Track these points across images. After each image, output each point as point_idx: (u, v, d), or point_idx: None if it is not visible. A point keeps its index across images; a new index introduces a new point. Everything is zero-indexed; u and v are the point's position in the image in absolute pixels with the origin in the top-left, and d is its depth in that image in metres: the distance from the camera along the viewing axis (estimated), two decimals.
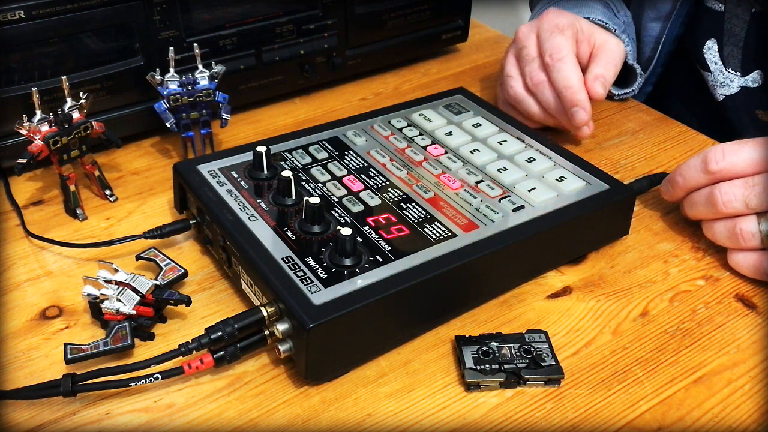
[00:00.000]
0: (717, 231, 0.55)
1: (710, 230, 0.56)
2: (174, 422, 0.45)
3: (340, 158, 0.60)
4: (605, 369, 0.49)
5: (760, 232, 0.52)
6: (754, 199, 0.52)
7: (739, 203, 0.53)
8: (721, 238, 0.55)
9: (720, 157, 0.54)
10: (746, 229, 0.53)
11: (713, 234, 0.56)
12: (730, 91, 0.74)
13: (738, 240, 0.54)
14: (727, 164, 0.53)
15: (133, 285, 0.50)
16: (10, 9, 0.58)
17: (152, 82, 0.63)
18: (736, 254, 0.55)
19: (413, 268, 0.48)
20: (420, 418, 0.45)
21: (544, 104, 0.68)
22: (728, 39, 0.72)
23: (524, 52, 0.70)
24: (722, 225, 0.55)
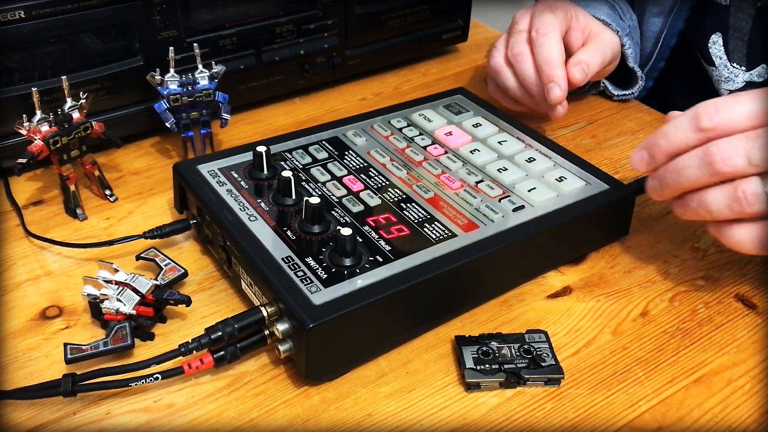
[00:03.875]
0: (713, 200, 0.47)
1: (701, 202, 0.48)
2: (174, 422, 0.45)
3: (340, 158, 0.60)
4: (605, 369, 0.49)
5: (765, 194, 0.45)
6: (757, 154, 0.44)
7: (741, 159, 0.45)
8: (718, 207, 0.47)
9: (714, 113, 0.47)
10: (750, 191, 0.45)
11: (707, 205, 0.47)
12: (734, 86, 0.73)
13: (741, 205, 0.45)
14: (723, 119, 0.46)
15: (133, 285, 0.50)
16: (10, 9, 0.58)
17: (152, 82, 0.63)
18: (735, 228, 0.47)
19: (413, 268, 0.48)
20: (420, 418, 0.45)
21: (521, 77, 0.68)
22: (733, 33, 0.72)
23: (514, 27, 0.70)
24: (719, 191, 0.47)
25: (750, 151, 0.45)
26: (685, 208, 0.50)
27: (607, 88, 0.77)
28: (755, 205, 0.45)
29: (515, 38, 0.69)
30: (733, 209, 0.46)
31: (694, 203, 0.48)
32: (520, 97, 0.70)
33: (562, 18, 0.68)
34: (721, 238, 0.49)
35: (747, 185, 0.45)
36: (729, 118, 0.46)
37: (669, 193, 0.50)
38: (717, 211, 0.47)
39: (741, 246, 0.48)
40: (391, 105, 0.68)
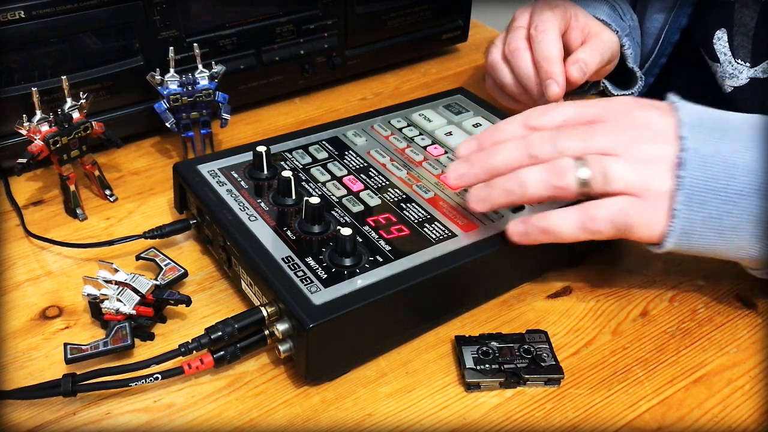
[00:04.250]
0: (528, 174, 0.48)
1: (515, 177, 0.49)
2: (174, 422, 0.45)
3: (340, 158, 0.60)
4: (605, 369, 0.49)
5: (577, 179, 0.47)
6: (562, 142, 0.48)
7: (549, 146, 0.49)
8: (533, 179, 0.48)
9: (542, 113, 0.52)
10: (562, 164, 0.47)
11: (522, 178, 0.48)
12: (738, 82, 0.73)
13: (553, 174, 0.47)
14: (546, 120, 0.51)
15: (133, 285, 0.50)
16: (10, 9, 0.58)
17: (152, 82, 0.63)
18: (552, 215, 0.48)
19: (413, 268, 0.48)
20: (420, 418, 0.45)
21: (518, 73, 0.68)
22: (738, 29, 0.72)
23: (513, 24, 0.70)
24: (535, 167, 0.48)
25: (556, 140, 0.48)
26: (494, 191, 0.50)
27: (606, 88, 0.77)
28: (566, 177, 0.47)
29: (513, 34, 0.69)
30: (546, 181, 0.48)
31: (507, 181, 0.49)
32: (518, 95, 0.70)
33: (561, 16, 0.68)
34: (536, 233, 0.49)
35: (560, 160, 0.48)
36: (550, 121, 0.51)
37: (482, 176, 0.51)
38: (531, 183, 0.48)
39: (560, 234, 0.48)
40: (391, 105, 0.68)
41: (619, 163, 0.47)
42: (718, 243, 0.47)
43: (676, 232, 0.46)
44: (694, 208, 0.46)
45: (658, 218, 0.47)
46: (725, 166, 0.46)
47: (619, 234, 0.48)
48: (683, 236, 0.47)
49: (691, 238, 0.47)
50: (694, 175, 0.46)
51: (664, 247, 0.48)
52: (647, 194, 0.46)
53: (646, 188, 0.46)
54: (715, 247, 0.48)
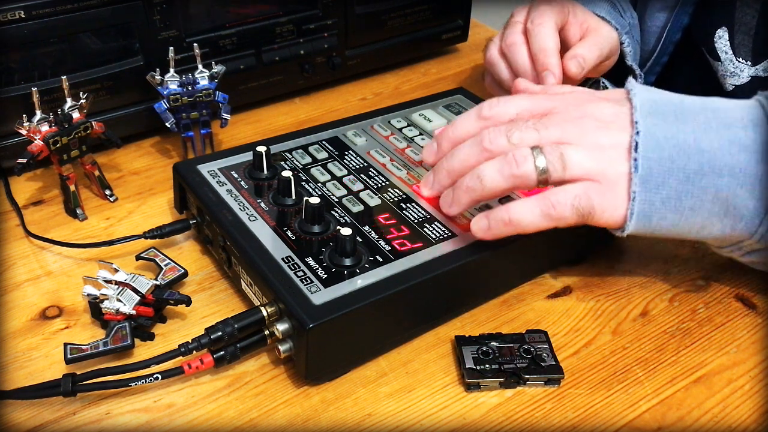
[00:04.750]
0: (485, 168, 0.49)
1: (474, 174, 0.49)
2: (174, 422, 0.45)
3: (340, 158, 0.60)
4: (605, 369, 0.49)
5: (535, 167, 0.47)
6: (515, 135, 0.49)
7: (503, 139, 0.49)
8: (490, 172, 0.48)
9: (494, 104, 0.52)
10: (519, 154, 0.48)
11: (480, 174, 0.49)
12: (739, 81, 0.73)
13: (511, 165, 0.47)
14: (499, 111, 0.52)
15: (133, 285, 0.50)
16: (10, 9, 0.58)
17: (152, 82, 0.63)
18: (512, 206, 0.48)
19: (413, 268, 0.48)
20: (420, 418, 0.45)
21: (515, 67, 0.68)
22: (739, 28, 0.72)
23: (510, 20, 0.71)
24: (492, 161, 0.49)
25: (510, 132, 0.49)
26: (457, 191, 0.51)
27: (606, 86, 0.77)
28: (524, 165, 0.47)
29: (510, 29, 0.69)
30: (503, 172, 0.48)
31: (468, 179, 0.50)
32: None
33: (559, 11, 0.68)
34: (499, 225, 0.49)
35: (517, 150, 0.48)
36: (504, 111, 0.52)
37: (445, 180, 0.52)
38: (490, 177, 0.48)
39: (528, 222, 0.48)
40: (391, 105, 0.68)
41: (576, 151, 0.47)
42: (679, 223, 0.48)
43: (635, 215, 0.47)
44: (652, 190, 0.47)
45: (617, 202, 0.47)
46: (681, 148, 0.46)
47: (582, 219, 0.48)
48: (643, 218, 0.47)
49: (651, 219, 0.47)
50: (648, 156, 0.46)
51: (626, 230, 0.48)
52: (605, 179, 0.47)
53: (604, 173, 0.47)
54: (677, 228, 0.48)
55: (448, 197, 0.52)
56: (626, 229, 0.48)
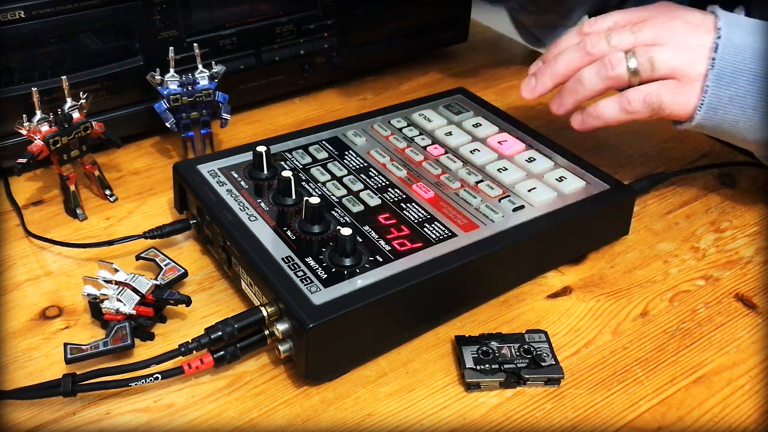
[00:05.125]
0: (585, 73, 0.57)
1: (576, 78, 0.58)
2: (174, 422, 0.45)
3: (340, 158, 0.60)
4: (605, 369, 0.49)
5: (627, 63, 0.56)
6: (614, 38, 0.57)
7: (603, 43, 0.57)
8: (589, 75, 0.57)
9: (593, 22, 0.60)
10: (614, 57, 0.56)
11: (580, 78, 0.58)
12: None
13: (607, 68, 0.56)
14: (598, 25, 0.59)
15: (133, 285, 0.50)
16: (10, 9, 0.58)
17: (152, 82, 0.63)
18: (601, 103, 0.58)
19: (413, 268, 0.48)
20: (420, 418, 0.45)
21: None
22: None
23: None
24: (591, 66, 0.57)
25: (609, 36, 0.57)
26: (563, 93, 0.60)
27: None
28: (618, 67, 0.56)
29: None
30: (600, 74, 0.57)
31: (571, 83, 0.59)
32: None
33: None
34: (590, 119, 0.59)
35: (612, 54, 0.56)
36: (602, 23, 0.60)
37: (549, 83, 0.60)
38: (589, 80, 0.57)
39: (610, 116, 0.58)
40: (391, 105, 0.68)
41: (664, 51, 0.55)
42: (740, 120, 0.55)
43: (705, 106, 0.55)
44: (723, 86, 0.54)
45: (690, 96, 0.55)
46: (754, 53, 0.54)
47: (653, 113, 0.56)
48: (710, 110, 0.55)
49: (717, 112, 0.55)
50: (725, 58, 0.54)
51: (694, 120, 0.56)
52: (686, 76, 0.55)
53: (686, 71, 0.55)
54: (737, 125, 0.55)
55: (555, 101, 0.61)
56: (695, 119, 0.55)
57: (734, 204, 0.64)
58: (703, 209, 0.64)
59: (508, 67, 0.87)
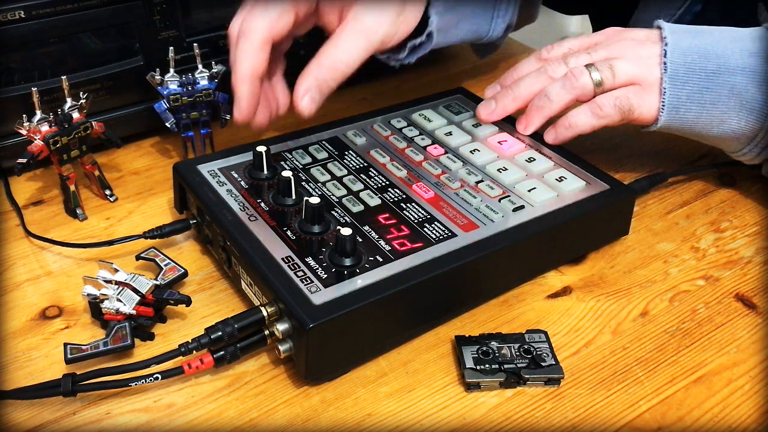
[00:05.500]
0: (551, 89, 0.60)
1: (542, 95, 0.60)
2: (174, 422, 0.45)
3: (340, 158, 0.60)
4: (605, 369, 0.49)
5: (591, 79, 0.59)
6: (572, 61, 0.60)
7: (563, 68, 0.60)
8: (555, 90, 0.59)
9: (550, 48, 0.64)
10: (576, 67, 0.59)
11: (547, 94, 0.60)
12: None
13: (571, 79, 0.59)
14: (556, 51, 0.63)
15: (133, 285, 0.50)
16: (10, 9, 0.58)
17: (152, 82, 0.63)
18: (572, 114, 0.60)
19: (413, 268, 0.48)
20: (420, 418, 0.45)
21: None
22: None
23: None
24: (555, 82, 0.60)
25: (567, 60, 0.61)
26: (529, 113, 0.62)
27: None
28: (581, 78, 0.59)
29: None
30: (566, 87, 0.59)
31: (536, 101, 0.61)
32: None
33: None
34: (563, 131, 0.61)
35: (574, 68, 0.60)
36: (558, 50, 0.63)
37: (510, 105, 0.62)
38: (555, 93, 0.60)
39: (583, 124, 0.60)
40: (391, 105, 0.68)
41: (621, 62, 0.59)
42: (702, 116, 0.58)
43: (666, 107, 0.58)
44: (678, 86, 0.57)
45: (652, 100, 0.58)
46: (701, 53, 0.57)
47: (624, 116, 0.59)
48: (672, 110, 0.58)
49: (678, 111, 0.58)
50: (675, 61, 0.57)
51: (659, 122, 0.59)
52: (645, 82, 0.58)
53: (645, 77, 0.58)
54: (700, 120, 0.58)
55: (521, 121, 0.63)
56: (659, 119, 0.58)
57: (734, 204, 0.64)
58: (703, 209, 0.64)
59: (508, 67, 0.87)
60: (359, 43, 0.56)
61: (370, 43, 0.57)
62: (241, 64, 0.56)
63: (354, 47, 0.56)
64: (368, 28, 0.56)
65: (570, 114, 0.60)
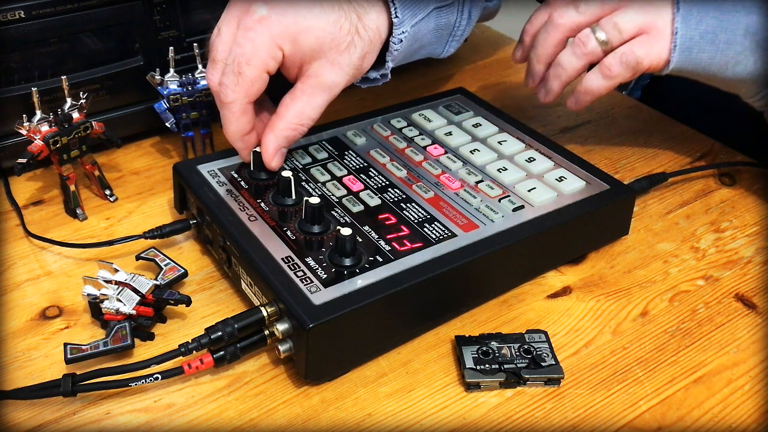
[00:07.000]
0: (562, 57, 0.61)
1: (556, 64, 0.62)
2: (174, 422, 0.45)
3: (340, 158, 0.60)
4: (605, 369, 0.49)
5: (595, 37, 0.59)
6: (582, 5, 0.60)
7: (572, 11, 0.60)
8: (567, 58, 0.61)
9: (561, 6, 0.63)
10: (583, 35, 0.60)
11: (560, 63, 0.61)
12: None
13: (579, 46, 0.59)
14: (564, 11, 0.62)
15: (133, 285, 0.50)
16: (10, 9, 0.58)
17: (152, 82, 0.63)
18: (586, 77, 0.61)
19: (413, 268, 0.48)
20: (420, 418, 0.45)
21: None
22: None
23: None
24: (565, 51, 0.61)
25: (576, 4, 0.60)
26: (547, 81, 0.63)
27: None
28: (589, 43, 0.59)
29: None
30: (575, 53, 0.60)
31: (552, 69, 0.63)
32: None
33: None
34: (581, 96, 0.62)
35: (581, 34, 0.60)
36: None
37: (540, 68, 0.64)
38: (567, 61, 0.61)
39: (596, 87, 0.61)
40: (391, 105, 0.68)
41: (627, 13, 0.58)
42: (716, 57, 0.57)
43: (678, 47, 0.57)
44: (692, 26, 0.56)
45: (662, 44, 0.57)
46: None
47: (634, 70, 0.59)
48: (685, 51, 0.57)
49: (691, 52, 0.57)
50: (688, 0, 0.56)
51: (671, 64, 0.58)
52: (654, 28, 0.57)
53: (653, 22, 0.57)
54: (714, 61, 0.57)
55: (542, 90, 0.64)
56: (671, 62, 0.58)
57: (734, 204, 0.64)
58: (703, 209, 0.64)
59: (508, 67, 0.87)
60: (323, 98, 0.56)
61: (332, 96, 0.57)
62: (229, 128, 0.56)
63: (318, 103, 0.56)
64: (331, 84, 0.56)
65: (584, 79, 0.61)
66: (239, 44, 0.53)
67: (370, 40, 0.56)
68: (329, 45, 0.54)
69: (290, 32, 0.53)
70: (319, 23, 0.53)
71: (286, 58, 0.54)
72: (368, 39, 0.56)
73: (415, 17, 0.58)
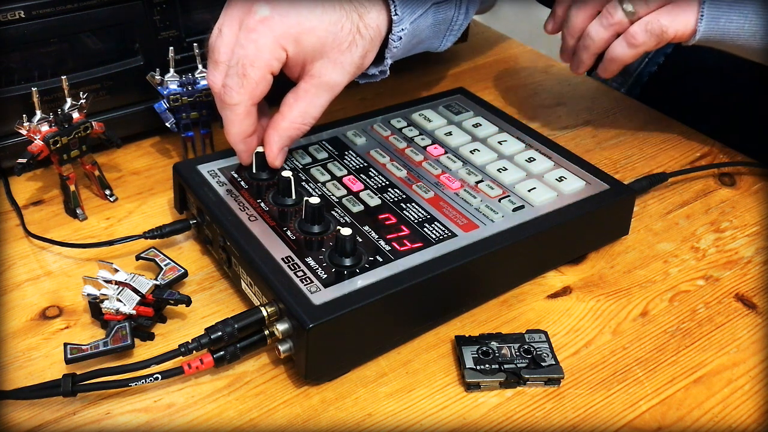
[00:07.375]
0: (591, 28, 0.62)
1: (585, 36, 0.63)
2: (174, 422, 0.45)
3: (340, 158, 0.60)
4: (605, 369, 0.49)
5: (624, 11, 0.60)
6: None
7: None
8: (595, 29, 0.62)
9: None
10: (610, 7, 0.61)
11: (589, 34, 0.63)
12: None
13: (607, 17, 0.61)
14: None
15: (133, 285, 0.50)
16: (10, 9, 0.58)
17: (152, 82, 0.63)
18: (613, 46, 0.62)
19: (413, 268, 0.48)
20: (420, 418, 0.45)
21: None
22: None
23: None
24: (594, 22, 0.62)
25: None
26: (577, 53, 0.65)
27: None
28: (616, 14, 0.60)
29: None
30: (603, 24, 0.61)
31: (581, 41, 0.64)
32: None
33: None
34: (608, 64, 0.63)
35: (608, 5, 0.61)
36: None
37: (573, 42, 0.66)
38: (595, 32, 0.62)
39: (620, 55, 0.62)
40: (391, 105, 0.68)
41: None
42: (744, 26, 0.57)
43: (705, 17, 0.57)
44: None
45: (688, 13, 0.58)
46: None
47: (658, 39, 0.59)
48: (712, 21, 0.57)
49: (719, 21, 0.57)
50: None
51: (698, 34, 0.58)
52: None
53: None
54: (743, 31, 0.57)
55: (574, 63, 0.67)
56: (698, 32, 0.58)
57: (734, 204, 0.64)
58: (703, 209, 0.64)
59: (508, 67, 0.87)
60: (326, 97, 0.57)
61: (334, 95, 0.57)
62: (231, 130, 0.56)
63: (321, 102, 0.57)
64: (333, 83, 0.56)
65: (610, 48, 0.62)
66: (242, 45, 0.53)
67: (371, 39, 0.56)
68: (331, 45, 0.54)
69: (293, 33, 0.53)
70: (321, 23, 0.53)
71: (290, 59, 0.54)
72: (369, 38, 0.56)
73: (414, 14, 0.58)
